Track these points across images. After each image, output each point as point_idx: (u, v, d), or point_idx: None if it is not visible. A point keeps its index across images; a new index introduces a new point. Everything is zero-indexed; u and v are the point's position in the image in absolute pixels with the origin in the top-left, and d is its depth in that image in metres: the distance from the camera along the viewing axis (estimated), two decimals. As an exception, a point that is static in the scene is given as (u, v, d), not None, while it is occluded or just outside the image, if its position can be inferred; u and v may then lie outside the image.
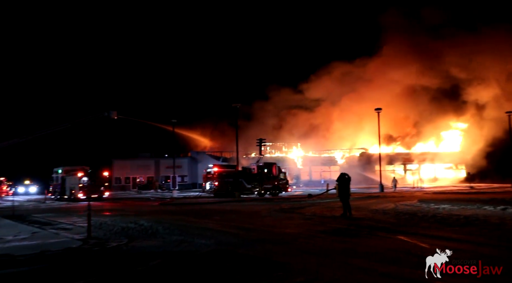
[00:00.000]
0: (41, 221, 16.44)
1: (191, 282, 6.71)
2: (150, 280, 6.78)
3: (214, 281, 6.74)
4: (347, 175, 17.18)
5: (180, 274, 7.21)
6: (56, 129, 44.74)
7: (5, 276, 7.33)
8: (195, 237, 11.12)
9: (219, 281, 6.73)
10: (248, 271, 7.33)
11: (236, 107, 33.57)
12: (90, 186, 31.77)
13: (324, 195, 29.60)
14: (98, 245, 10.21)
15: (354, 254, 8.56)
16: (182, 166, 57.82)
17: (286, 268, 7.43)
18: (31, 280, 7.08)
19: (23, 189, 53.77)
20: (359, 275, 6.91)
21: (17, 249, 9.81)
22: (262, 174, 34.20)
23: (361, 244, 9.75)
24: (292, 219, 15.68)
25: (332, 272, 7.11)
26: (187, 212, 19.84)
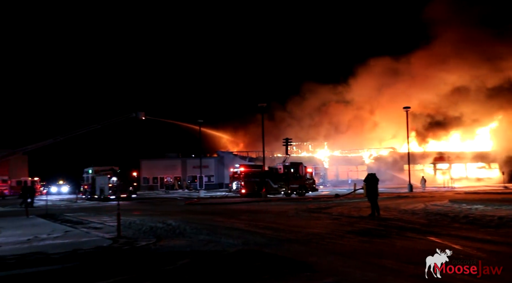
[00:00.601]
0: (73, 220, 16.85)
1: (219, 281, 6.73)
2: (179, 279, 6.85)
3: (241, 280, 6.74)
4: (375, 175, 17.02)
5: (208, 273, 7.25)
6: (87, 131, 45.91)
7: (40, 274, 7.55)
8: (222, 236, 11.17)
9: (247, 280, 6.73)
10: (275, 271, 7.31)
11: (262, 107, 33.55)
12: (119, 185, 32.36)
13: (351, 194, 29.29)
14: (127, 244, 10.38)
15: (383, 255, 8.42)
16: (209, 166, 58.32)
17: (313, 268, 7.38)
18: (65, 277, 7.26)
19: (56, 188, 55.29)
20: (389, 277, 6.79)
21: (51, 247, 10.10)
22: (288, 173, 34.09)
23: (390, 245, 9.58)
24: (319, 219, 15.57)
25: (360, 273, 7.02)
26: (214, 211, 19.97)
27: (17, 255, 9.13)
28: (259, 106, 33.38)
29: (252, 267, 7.64)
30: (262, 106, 33.36)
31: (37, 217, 18.80)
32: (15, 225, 15.67)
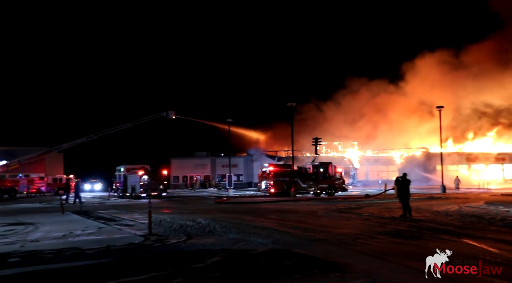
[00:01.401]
0: (106, 217, 17.25)
1: (249, 280, 6.74)
2: (209, 277, 6.90)
3: (271, 279, 6.73)
4: (406, 175, 16.75)
5: (238, 272, 7.27)
6: (118, 129, 46.87)
7: (76, 268, 7.77)
8: (252, 235, 11.19)
9: (276, 280, 6.71)
10: (305, 270, 7.26)
11: (291, 107, 33.42)
12: (150, 184, 32.87)
13: (382, 195, 28.82)
14: (158, 241, 10.55)
15: (416, 256, 8.23)
16: (238, 165, 58.63)
17: (343, 269, 7.30)
18: (99, 273, 7.43)
19: (89, 186, 56.66)
20: (422, 279, 6.65)
21: (85, 243, 10.38)
22: (318, 173, 33.85)
23: (422, 247, 9.36)
24: (349, 219, 15.40)
25: (392, 275, 6.89)
26: (243, 210, 20.04)
27: (54, 250, 9.43)
28: (288, 106, 33.26)
29: (281, 267, 7.62)
30: (291, 106, 33.23)
31: (72, 213, 19.36)
32: (52, 221, 16.19)
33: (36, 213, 20.58)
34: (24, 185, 43.74)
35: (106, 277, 6.96)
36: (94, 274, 7.29)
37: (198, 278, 6.84)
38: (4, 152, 52.08)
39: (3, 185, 42.70)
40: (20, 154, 49.49)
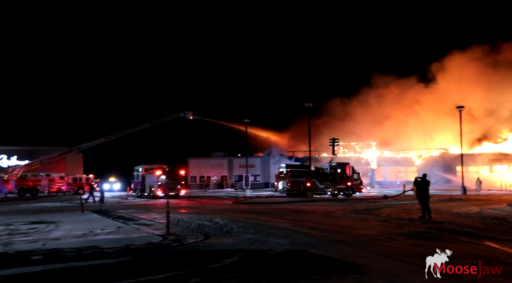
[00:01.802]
0: (124, 216, 17.45)
1: (266, 280, 6.74)
2: (227, 277, 6.92)
3: (288, 280, 6.72)
4: (426, 176, 16.54)
5: (256, 272, 7.28)
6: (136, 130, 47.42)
7: (96, 267, 7.89)
8: (269, 236, 11.19)
9: (294, 280, 6.70)
10: (323, 271, 7.23)
11: (308, 107, 33.30)
12: (168, 184, 33.14)
13: (401, 196, 28.52)
14: (176, 241, 10.63)
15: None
16: (254, 165, 58.66)
17: (362, 270, 7.24)
18: (118, 271, 7.52)
19: (108, 185, 57.39)
20: (443, 282, 6.54)
21: (104, 242, 10.53)
22: (335, 174, 33.68)
23: (442, 249, 9.21)
24: (367, 220, 15.27)
25: (412, 277, 6.81)
26: (260, 211, 20.04)
27: (74, 248, 9.59)
28: (306, 106, 33.15)
29: (299, 267, 7.60)
30: (308, 106, 33.11)
31: (91, 212, 19.65)
32: (72, 220, 16.47)
33: (57, 212, 20.96)
34: (46, 184, 44.56)
35: (125, 276, 7.04)
36: (114, 273, 7.37)
37: (216, 278, 6.87)
38: (26, 152, 53.21)
39: (25, 184, 43.61)
40: (41, 153, 50.51)
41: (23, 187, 43.00)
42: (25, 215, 19.64)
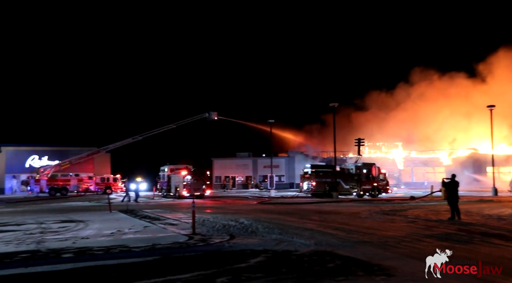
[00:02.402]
0: (151, 216, 17.70)
1: (292, 280, 6.72)
2: (253, 277, 6.93)
3: (314, 281, 6.68)
4: (455, 177, 16.17)
5: (281, 272, 7.26)
6: (162, 131, 48.08)
7: (124, 266, 8.04)
8: (294, 236, 11.16)
9: (320, 281, 6.65)
10: (349, 272, 7.15)
11: (333, 107, 33.03)
12: (193, 184, 33.42)
13: (428, 197, 27.99)
14: (202, 240, 10.72)
15: (466, 261, 7.89)
16: (279, 166, 58.58)
17: (389, 272, 7.13)
18: (146, 270, 7.64)
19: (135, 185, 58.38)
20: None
21: (132, 241, 10.71)
22: (360, 174, 33.31)
23: (473, 251, 9.00)
24: (394, 222, 15.03)
25: (441, 279, 6.67)
26: (285, 211, 19.99)
27: (103, 247, 9.79)
28: (331, 106, 32.89)
29: (325, 268, 7.55)
30: (333, 106, 32.84)
31: (119, 212, 20.01)
32: (100, 219, 16.82)
33: (85, 211, 21.46)
34: (75, 184, 45.69)
35: (152, 275, 7.14)
36: (142, 272, 7.49)
37: (242, 278, 6.89)
38: (56, 152, 54.65)
39: (55, 183, 44.84)
40: (70, 153, 51.84)
41: (53, 187, 44.23)
42: (56, 214, 20.18)
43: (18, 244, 10.50)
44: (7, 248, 10.02)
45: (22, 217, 18.60)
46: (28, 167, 53.57)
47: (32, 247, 10.06)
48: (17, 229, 13.94)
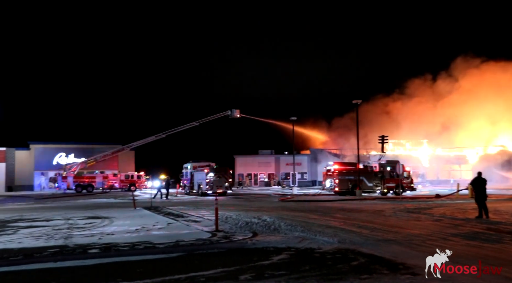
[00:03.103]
0: (174, 213, 17.88)
1: (315, 278, 6.68)
2: (276, 275, 6.93)
3: (338, 279, 6.63)
4: (481, 174, 15.79)
5: (305, 270, 7.23)
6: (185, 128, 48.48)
7: (149, 262, 8.16)
8: (317, 234, 11.10)
9: (344, 279, 6.60)
10: (374, 271, 7.07)
11: (356, 104, 32.67)
12: (216, 181, 33.62)
13: (455, 195, 27.40)
14: (225, 238, 10.76)
15: (496, 261, 7.72)
16: (301, 163, 58.39)
17: (415, 271, 7.02)
18: (170, 266, 7.73)
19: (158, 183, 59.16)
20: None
21: (156, 238, 10.84)
22: (384, 172, 32.88)
23: (503, 251, 8.78)
24: (419, 220, 14.79)
25: (469, 279, 6.53)
26: (307, 209, 19.92)
27: (128, 243, 9.94)
28: (354, 103, 32.54)
29: (348, 266, 7.48)
30: (356, 103, 32.48)
31: (143, 209, 20.30)
32: (125, 216, 17.09)
33: (110, 208, 21.85)
34: (100, 181, 46.58)
35: (176, 271, 7.21)
36: (166, 268, 7.58)
37: (265, 275, 6.90)
38: (82, 149, 55.85)
39: (81, 180, 45.83)
40: (96, 151, 52.85)
41: (80, 184, 45.22)
42: (82, 210, 20.63)
43: (47, 239, 10.78)
44: (37, 243, 10.29)
45: (51, 213, 19.08)
46: (55, 164, 54.92)
47: (60, 242, 10.30)
48: (46, 224, 14.32)
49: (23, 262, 8.04)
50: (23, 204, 27.24)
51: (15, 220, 16.19)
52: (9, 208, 24.06)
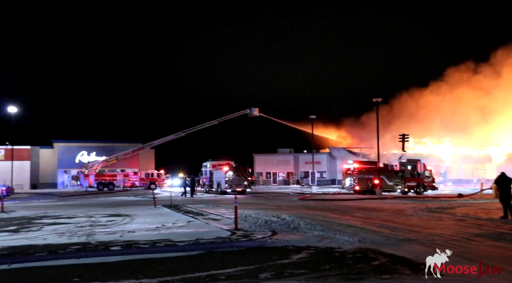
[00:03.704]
0: (194, 211, 18.00)
1: (336, 277, 6.64)
2: (296, 273, 6.91)
3: (359, 279, 6.57)
4: (504, 174, 15.46)
5: (324, 269, 7.19)
6: (204, 127, 48.78)
7: (169, 259, 8.22)
8: (337, 233, 11.02)
9: (365, 279, 6.53)
10: (395, 271, 6.98)
11: (377, 102, 32.31)
12: (235, 179, 33.69)
13: (478, 195, 26.86)
14: (244, 236, 10.77)
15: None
16: (321, 162, 58.08)
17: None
18: (190, 264, 7.78)
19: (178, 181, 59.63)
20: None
21: (176, 235, 10.93)
22: (405, 170, 32.47)
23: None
24: (441, 220, 14.55)
25: (493, 280, 6.39)
26: (327, 208, 19.80)
27: (149, 241, 10.06)
28: (374, 101, 32.20)
29: (369, 266, 7.41)
30: (377, 101, 32.13)
31: (163, 207, 20.50)
32: (145, 213, 17.30)
33: (131, 206, 22.15)
34: (121, 179, 47.25)
35: (196, 269, 7.26)
36: (186, 265, 7.63)
37: (285, 274, 6.88)
38: (103, 148, 56.73)
39: (103, 178, 46.59)
40: (117, 149, 53.63)
41: (101, 182, 45.97)
42: (104, 208, 20.97)
43: (70, 236, 10.99)
44: (61, 239, 10.51)
45: (73, 210, 19.46)
46: (78, 162, 55.92)
47: (83, 239, 10.49)
48: (69, 221, 14.62)
49: (48, 258, 8.22)
50: (47, 201, 27.88)
51: (40, 217, 16.59)
52: (34, 205, 24.65)
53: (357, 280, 6.53)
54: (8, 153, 50.41)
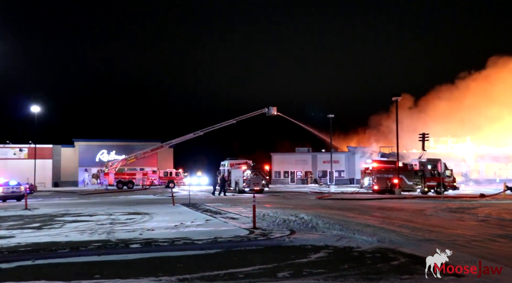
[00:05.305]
0: (212, 210, 18.07)
1: (354, 277, 6.60)
2: (314, 273, 6.89)
3: (378, 279, 6.52)
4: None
5: (343, 268, 7.16)
6: (223, 126, 48.95)
7: (188, 257, 8.30)
8: (356, 232, 10.94)
9: (384, 279, 6.48)
10: (415, 271, 6.90)
11: (396, 101, 31.95)
12: (253, 178, 33.73)
13: (501, 195, 26.32)
14: (262, 235, 10.76)
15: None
16: (339, 161, 57.68)
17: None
18: (208, 262, 7.83)
19: (196, 180, 59.99)
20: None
21: (194, 234, 11.00)
22: (425, 170, 32.04)
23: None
24: (462, 220, 14.31)
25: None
26: (345, 207, 19.68)
27: (167, 239, 10.14)
28: (393, 99, 31.84)
29: (389, 266, 7.34)
30: (396, 99, 31.77)
31: (181, 205, 20.64)
32: (164, 212, 17.45)
33: (150, 204, 22.38)
34: (140, 177, 47.78)
35: (215, 267, 7.30)
36: (205, 264, 7.68)
37: (303, 273, 6.87)
38: (123, 147, 57.47)
39: (122, 177, 47.17)
40: (136, 148, 54.26)
41: (121, 180, 46.56)
42: (123, 206, 21.24)
43: (91, 234, 11.17)
44: (82, 237, 10.69)
45: (94, 208, 19.77)
46: (98, 161, 56.77)
47: (103, 237, 10.65)
48: (89, 219, 14.86)
49: (69, 255, 8.38)
50: (68, 199, 28.40)
51: (62, 214, 16.92)
52: (56, 202, 25.16)
53: (376, 280, 6.48)
54: (31, 152, 51.60)
